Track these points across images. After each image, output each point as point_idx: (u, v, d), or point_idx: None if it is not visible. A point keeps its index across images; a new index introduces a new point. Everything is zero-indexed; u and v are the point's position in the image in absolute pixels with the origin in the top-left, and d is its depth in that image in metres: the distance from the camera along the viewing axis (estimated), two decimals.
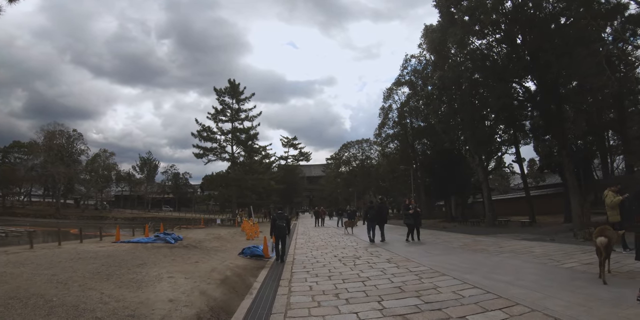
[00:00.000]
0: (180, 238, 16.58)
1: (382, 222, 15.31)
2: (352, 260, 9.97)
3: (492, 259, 9.64)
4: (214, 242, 16.17)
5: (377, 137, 37.30)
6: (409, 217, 14.62)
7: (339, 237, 17.87)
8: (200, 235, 19.57)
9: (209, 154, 38.05)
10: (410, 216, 14.57)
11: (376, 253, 11.19)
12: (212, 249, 13.25)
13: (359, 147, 65.69)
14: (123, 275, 8.11)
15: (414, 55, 31.84)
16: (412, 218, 14.52)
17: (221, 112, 38.59)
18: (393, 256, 10.38)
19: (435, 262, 9.17)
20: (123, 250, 12.44)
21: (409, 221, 14.67)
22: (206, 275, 8.40)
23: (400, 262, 9.27)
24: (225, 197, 39.48)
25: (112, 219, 58.54)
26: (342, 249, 12.88)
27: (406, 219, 14.94)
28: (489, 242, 14.03)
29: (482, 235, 17.22)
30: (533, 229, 20.88)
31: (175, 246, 13.93)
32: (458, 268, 8.26)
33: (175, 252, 12.14)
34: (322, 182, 78.94)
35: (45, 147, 59.89)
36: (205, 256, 11.42)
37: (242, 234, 20.28)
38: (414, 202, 15.38)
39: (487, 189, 29.54)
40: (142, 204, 75.46)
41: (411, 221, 14.58)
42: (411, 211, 14.61)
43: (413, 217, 14.51)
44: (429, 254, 10.63)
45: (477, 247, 12.32)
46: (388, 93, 35.60)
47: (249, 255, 11.27)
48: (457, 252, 11.32)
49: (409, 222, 14.75)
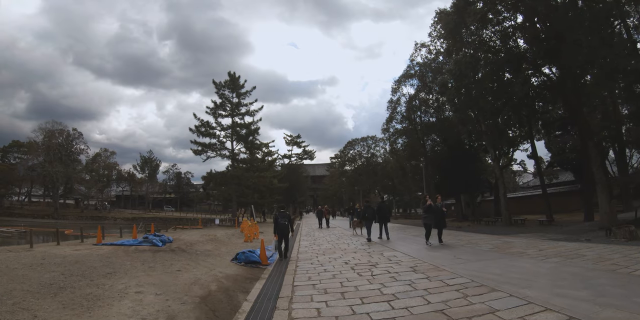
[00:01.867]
0: (170, 240, 14.80)
1: (385, 221, 15.57)
2: (367, 268, 8.11)
3: (542, 266, 7.80)
4: (207, 244, 14.35)
5: (385, 132, 35.27)
6: (429, 217, 12.54)
7: (347, 239, 15.96)
8: (194, 236, 17.77)
9: (208, 150, 36.06)
10: (430, 216, 12.53)
11: (395, 259, 9.33)
12: (202, 254, 11.43)
13: (364, 144, 63.70)
14: (79, 289, 6.47)
15: (424, 43, 29.92)
16: (432, 218, 12.55)
17: (220, 106, 36.59)
18: (417, 263, 8.51)
19: (474, 270, 7.34)
20: (98, 255, 10.72)
21: (428, 221, 12.62)
22: (184, 289, 6.60)
23: (429, 272, 7.41)
24: (224, 195, 37.64)
25: (112, 219, 57.02)
26: (353, 253, 10.98)
27: (425, 219, 12.85)
28: (521, 243, 12.18)
29: (507, 236, 15.54)
30: (555, 228, 19.17)
31: (162, 250, 12.17)
32: (507, 279, 6.43)
33: (158, 258, 10.36)
34: (326, 181, 77.24)
35: (44, 147, 58.44)
36: (191, 263, 9.61)
37: (241, 236, 18.41)
38: (440, 200, 13.11)
39: (503, 186, 27.60)
40: (143, 204, 74.00)
41: (430, 221, 12.57)
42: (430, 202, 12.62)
43: (436, 217, 12.50)
44: (460, 260, 8.76)
45: (512, 250, 10.45)
46: (396, 85, 33.68)
47: (243, 261, 9.43)
48: (492, 256, 9.44)
49: (427, 223, 12.66)
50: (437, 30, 27.94)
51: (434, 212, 12.40)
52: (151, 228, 19.26)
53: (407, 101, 32.83)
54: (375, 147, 62.83)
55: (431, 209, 12.39)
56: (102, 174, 70.89)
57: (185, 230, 24.79)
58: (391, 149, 37.20)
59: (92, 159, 69.01)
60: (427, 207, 12.52)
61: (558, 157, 30.02)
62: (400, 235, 17.33)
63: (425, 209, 12.72)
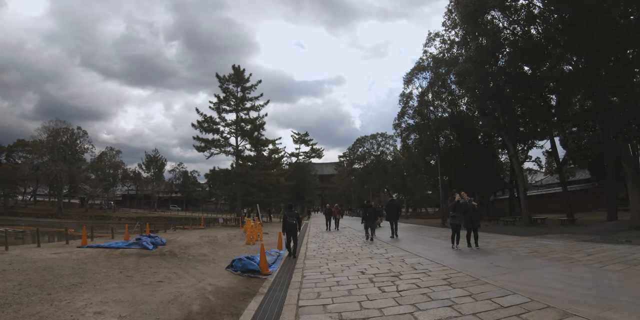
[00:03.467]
0: (163, 242, 13.42)
1: (394, 219, 15.63)
2: (390, 280, 6.54)
3: (607, 276, 6.29)
4: (203, 247, 12.88)
5: (397, 127, 33.42)
6: (457, 216, 10.78)
7: (359, 241, 14.30)
8: (192, 238, 16.36)
9: (211, 147, 34.21)
10: (459, 215, 10.76)
11: (420, 267, 7.76)
12: (195, 259, 9.95)
13: (373, 141, 61.79)
14: (27, 306, 5.29)
15: (438, 33, 28.11)
16: (461, 217, 10.72)
17: (224, 101, 34.73)
18: (450, 273, 6.94)
19: (525, 284, 5.79)
20: (74, 260, 9.38)
21: (456, 221, 10.82)
22: (158, 310, 5.14)
23: (469, 286, 5.85)
24: (229, 194, 36.14)
25: (116, 218, 55.90)
26: (369, 259, 9.36)
27: (452, 219, 11.04)
28: (560, 246, 10.59)
29: (535, 237, 14.13)
30: (578, 228, 17.54)
31: (150, 254, 10.75)
32: (576, 297, 4.92)
33: (141, 264, 8.94)
34: (334, 180, 75.71)
35: (49, 146, 57.63)
36: (178, 271, 8.14)
37: (243, 237, 16.84)
38: (466, 196, 11.02)
39: (523, 184, 25.71)
40: (149, 204, 72.96)
41: (459, 221, 10.76)
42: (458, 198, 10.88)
43: (467, 216, 10.67)
44: (501, 269, 7.18)
45: (556, 255, 8.86)
46: (408, 78, 31.90)
47: (239, 270, 7.91)
48: (537, 263, 7.84)
49: (455, 223, 10.87)
50: (451, 18, 26.17)
51: (463, 210, 10.67)
52: (146, 228, 17.85)
53: (420, 95, 31.12)
54: (385, 145, 61.00)
55: (459, 206, 10.68)
56: (107, 173, 69.88)
57: (186, 230, 23.40)
58: (403, 145, 35.30)
59: (98, 158, 68.02)
60: (455, 204, 10.79)
61: (575, 153, 28.88)
62: (418, 237, 15.76)
63: (453, 206, 10.94)
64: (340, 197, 69.30)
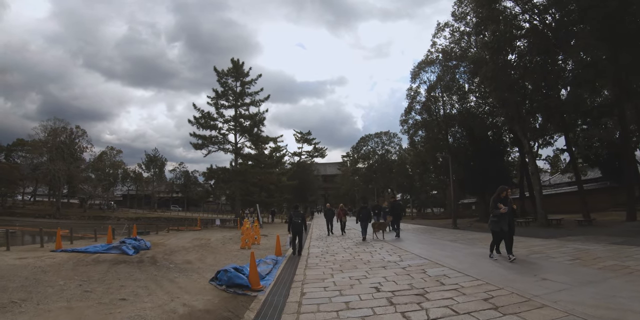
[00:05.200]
0: (147, 246, 11.98)
1: (398, 219, 15.60)
2: (414, 301, 5.03)
3: None
4: (191, 252, 11.41)
5: (403, 123, 31.76)
6: (502, 221, 8.16)
7: (368, 246, 12.59)
8: (183, 241, 14.94)
9: (209, 144, 32.44)
10: (503, 219, 8.15)
11: (448, 281, 6.21)
12: (176, 268, 8.48)
13: (378, 140, 60.21)
14: None
15: (447, 23, 26.50)
16: (505, 221, 8.16)
17: (222, 95, 33.04)
18: (489, 290, 5.43)
19: (596, 306, 4.34)
20: (35, 268, 8.02)
21: (499, 227, 8.22)
22: None
23: (522, 311, 4.35)
24: (227, 194, 34.64)
25: (115, 218, 54.81)
26: (383, 269, 7.74)
27: (494, 225, 8.33)
28: (602, 251, 9.00)
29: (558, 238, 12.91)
30: (599, 229, 16.07)
31: (127, 260, 9.33)
32: None
33: (111, 274, 7.52)
34: (337, 180, 74.37)
35: (49, 145, 56.60)
36: (151, 284, 6.69)
37: (239, 240, 15.29)
38: (509, 193, 8.60)
39: (539, 182, 24.11)
40: (150, 204, 71.75)
41: (503, 227, 8.17)
42: (502, 209, 8.06)
43: (509, 219, 8.31)
44: (553, 284, 5.65)
45: (606, 264, 7.28)
46: (415, 72, 30.30)
47: (224, 283, 6.42)
48: (593, 275, 6.24)
49: (497, 230, 8.31)
50: (461, 7, 24.70)
51: (505, 214, 8.17)
52: (133, 230, 16.43)
53: (428, 89, 29.60)
54: (390, 144, 59.54)
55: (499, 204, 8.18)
56: (107, 173, 68.76)
57: (180, 232, 21.98)
58: (410, 142, 33.73)
59: (98, 157, 66.96)
60: (500, 201, 8.24)
61: (585, 152, 27.77)
62: (432, 241, 14.12)
63: (494, 204, 8.27)
64: (343, 197, 67.82)
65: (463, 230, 19.54)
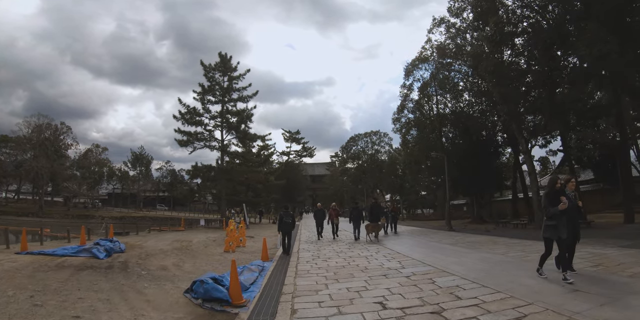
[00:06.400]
0: (121, 249, 10.94)
1: (376, 220, 15.17)
2: None
3: None
4: (169, 256, 10.41)
5: (396, 122, 31.15)
6: (560, 224, 5.86)
7: (362, 249, 11.56)
8: (162, 243, 13.90)
9: (194, 140, 31.17)
10: (562, 221, 5.85)
11: (465, 294, 5.29)
12: (149, 275, 7.51)
13: (368, 140, 59.67)
14: None
15: (443, 18, 25.66)
16: (563, 225, 5.85)
17: (209, 90, 31.87)
18: (518, 306, 4.49)
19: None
20: None
21: (555, 234, 5.94)
22: None
23: None
24: (213, 193, 33.56)
25: (99, 218, 53.39)
26: (384, 278, 6.77)
27: (550, 231, 6.02)
28: (621, 256, 8.09)
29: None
30: (600, 232, 15.21)
31: (96, 265, 8.33)
32: None
33: (71, 283, 6.54)
34: (326, 180, 73.58)
35: (34, 141, 55.06)
36: (115, 296, 5.73)
37: (223, 242, 14.25)
38: (573, 187, 6.51)
39: (536, 182, 23.55)
40: (135, 203, 70.23)
41: (561, 234, 5.86)
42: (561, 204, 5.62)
43: (570, 224, 6.00)
44: (590, 297, 4.73)
45: (635, 271, 6.43)
46: (409, 69, 29.61)
47: (200, 297, 5.49)
48: (626, 286, 5.39)
49: (553, 238, 6.01)
50: (458, 1, 23.99)
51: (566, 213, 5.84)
52: (110, 231, 15.36)
53: (421, 86, 28.95)
54: (380, 143, 59.16)
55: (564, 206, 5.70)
56: (92, 171, 67.15)
57: (162, 232, 20.90)
58: (403, 140, 33.04)
59: (83, 155, 65.33)
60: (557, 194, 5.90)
61: (577, 153, 27.78)
62: (431, 244, 13.19)
63: (549, 201, 5.96)
64: (332, 198, 66.96)
65: (459, 233, 18.83)
